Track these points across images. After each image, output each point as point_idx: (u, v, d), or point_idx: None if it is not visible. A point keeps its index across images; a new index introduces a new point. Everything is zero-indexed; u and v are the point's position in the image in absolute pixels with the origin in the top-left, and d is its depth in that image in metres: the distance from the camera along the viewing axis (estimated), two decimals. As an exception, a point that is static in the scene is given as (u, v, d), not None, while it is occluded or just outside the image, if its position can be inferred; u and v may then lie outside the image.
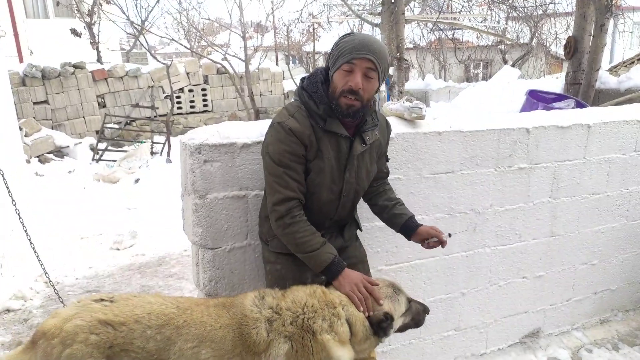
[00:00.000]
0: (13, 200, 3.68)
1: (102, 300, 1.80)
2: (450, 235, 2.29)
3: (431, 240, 2.28)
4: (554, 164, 3.25)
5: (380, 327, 1.97)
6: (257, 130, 2.41)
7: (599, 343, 3.54)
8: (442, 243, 2.27)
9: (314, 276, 2.20)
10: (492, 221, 3.14)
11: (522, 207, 3.23)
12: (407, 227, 2.33)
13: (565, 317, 3.62)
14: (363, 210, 2.54)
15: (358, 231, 2.46)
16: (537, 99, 5.27)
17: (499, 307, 3.34)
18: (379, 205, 2.42)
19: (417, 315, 2.16)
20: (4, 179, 3.70)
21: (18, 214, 3.62)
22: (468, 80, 19.78)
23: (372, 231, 2.69)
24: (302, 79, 2.16)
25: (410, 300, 2.12)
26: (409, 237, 2.34)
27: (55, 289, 3.22)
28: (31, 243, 3.42)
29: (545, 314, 3.54)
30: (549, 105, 4.95)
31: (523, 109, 5.18)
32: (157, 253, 4.67)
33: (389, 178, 2.48)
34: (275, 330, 1.82)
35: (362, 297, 1.99)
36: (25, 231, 3.43)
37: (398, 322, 2.07)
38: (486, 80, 9.36)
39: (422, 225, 2.32)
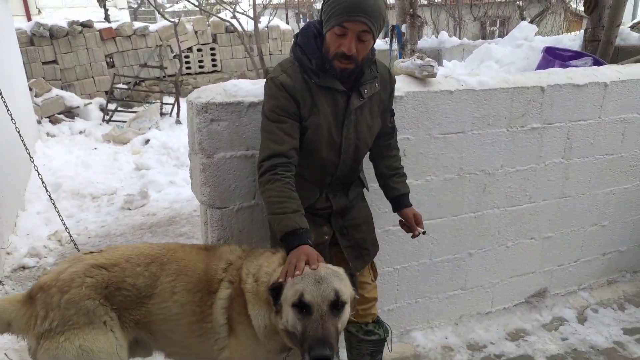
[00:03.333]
0: (32, 158, 3.71)
1: (92, 252, 1.90)
2: (424, 233, 2.33)
3: (405, 226, 2.35)
4: (568, 123, 3.18)
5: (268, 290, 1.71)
6: (263, 89, 2.37)
7: (605, 303, 3.56)
8: (412, 234, 2.32)
9: (317, 235, 2.19)
10: (502, 182, 3.11)
11: (534, 168, 3.19)
12: (395, 203, 2.39)
13: (572, 277, 3.63)
14: (370, 170, 2.51)
15: (365, 191, 2.44)
16: (554, 57, 5.11)
17: (506, 268, 3.35)
18: (379, 170, 2.43)
19: (304, 337, 1.62)
20: (22, 139, 3.72)
21: (37, 171, 3.65)
22: (484, 37, 19.21)
23: (380, 191, 2.66)
24: (296, 35, 2.08)
25: (303, 301, 1.64)
26: (394, 211, 2.41)
27: (75, 244, 3.25)
28: (51, 199, 3.43)
29: (552, 275, 3.55)
30: (566, 63, 4.79)
31: (539, 67, 5.04)
32: (168, 213, 4.72)
33: (398, 138, 2.44)
34: (228, 272, 1.89)
35: (292, 268, 1.73)
36: (45, 187, 3.43)
37: (286, 311, 1.67)
38: (502, 38, 9.08)
39: (408, 207, 2.35)
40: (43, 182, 3.38)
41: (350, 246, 2.28)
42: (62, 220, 3.32)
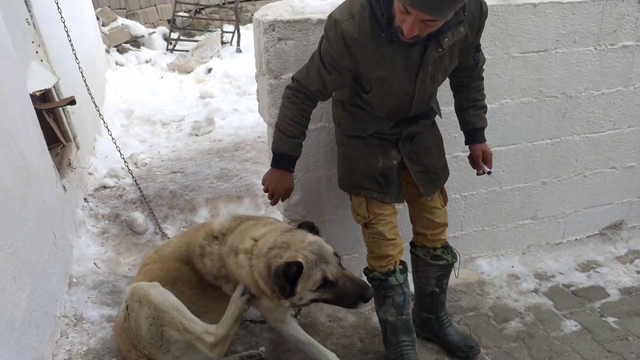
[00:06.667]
0: (89, 89, 3.89)
1: None
2: (489, 173, 2.34)
3: (472, 161, 2.36)
4: (667, 41, 2.86)
5: (276, 274, 1.85)
6: (332, 4, 2.26)
7: (689, 238, 3.35)
8: (477, 170, 2.33)
9: (385, 159, 2.18)
10: (584, 106, 2.89)
11: (621, 91, 2.93)
12: (468, 137, 2.33)
13: (654, 210, 3.42)
14: (441, 92, 2.40)
15: (437, 117, 2.34)
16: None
17: (582, 198, 3.19)
18: (456, 99, 2.32)
19: (344, 297, 1.89)
20: (82, 73, 3.88)
21: (95, 104, 3.84)
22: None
23: (450, 116, 2.56)
24: None
25: (327, 280, 1.86)
26: (466, 143, 2.37)
27: (134, 178, 3.56)
28: (109, 130, 3.63)
29: (632, 206, 3.36)
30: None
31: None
32: (233, 139, 4.82)
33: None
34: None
35: (272, 200, 2.16)
36: (104, 121, 3.60)
37: (306, 294, 1.89)
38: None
39: (480, 143, 2.29)
40: (101, 116, 3.50)
41: (420, 171, 2.23)
42: (119, 152, 3.54)
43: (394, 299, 2.25)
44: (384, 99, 2.02)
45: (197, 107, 5.97)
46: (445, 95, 2.45)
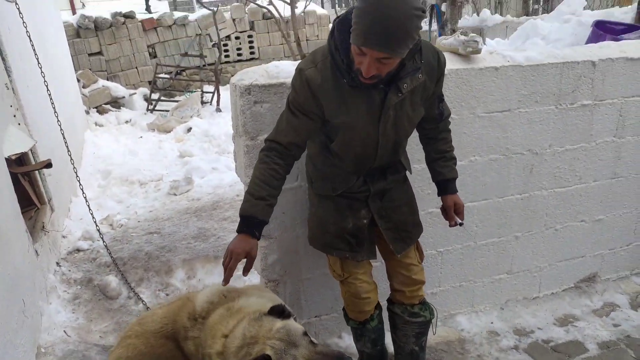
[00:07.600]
0: (69, 151, 3.90)
1: None
2: (461, 225, 2.36)
3: (444, 212, 2.39)
4: (621, 100, 3.04)
5: None
6: (304, 71, 2.37)
7: (661, 289, 3.41)
8: (449, 221, 2.38)
9: (355, 220, 2.20)
10: (550, 162, 3.01)
11: (584, 147, 3.06)
12: (439, 188, 2.38)
13: (624, 262, 3.49)
14: (414, 150, 2.48)
15: (408, 173, 2.40)
16: (605, 31, 4.87)
17: (554, 251, 3.25)
18: (426, 152, 2.39)
19: None
20: (62, 133, 3.91)
21: (73, 165, 3.84)
22: (527, 14, 18.44)
23: (423, 172, 2.63)
24: (335, 20, 1.94)
25: None
26: (438, 195, 2.41)
27: (104, 242, 3.49)
28: (83, 193, 3.63)
29: (603, 259, 3.42)
30: (618, 37, 4.56)
31: (588, 42, 4.81)
32: (212, 198, 4.83)
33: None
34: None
35: (226, 266, 1.95)
36: (80, 183, 3.61)
37: None
38: (548, 13, 8.67)
39: (451, 195, 2.34)
40: (78, 177, 3.53)
41: (389, 228, 2.25)
42: (91, 213, 3.53)
43: (369, 337, 2.38)
44: (350, 144, 2.06)
45: (176, 166, 6.01)
46: (417, 152, 2.53)
